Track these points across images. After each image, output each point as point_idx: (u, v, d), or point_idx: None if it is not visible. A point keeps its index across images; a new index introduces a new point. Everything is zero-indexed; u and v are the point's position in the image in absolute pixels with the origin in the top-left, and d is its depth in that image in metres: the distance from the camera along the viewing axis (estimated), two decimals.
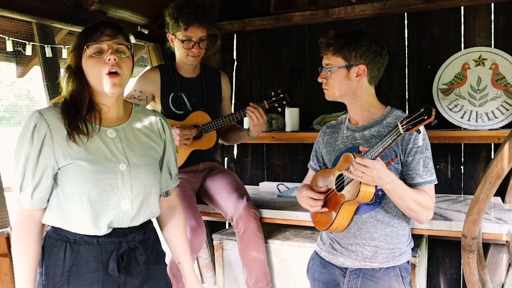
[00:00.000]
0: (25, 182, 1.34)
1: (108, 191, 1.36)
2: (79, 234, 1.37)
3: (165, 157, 1.55)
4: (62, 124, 1.34)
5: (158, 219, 1.61)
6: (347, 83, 1.66)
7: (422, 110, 1.30)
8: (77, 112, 1.36)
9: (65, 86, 1.40)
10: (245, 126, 2.87)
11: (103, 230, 1.37)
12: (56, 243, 1.38)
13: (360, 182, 1.50)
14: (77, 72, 1.38)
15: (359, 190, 1.50)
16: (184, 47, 2.30)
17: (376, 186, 1.52)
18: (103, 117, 1.42)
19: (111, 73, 1.35)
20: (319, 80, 1.71)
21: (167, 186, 1.58)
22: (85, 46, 1.36)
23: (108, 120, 1.43)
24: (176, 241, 1.61)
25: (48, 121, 1.33)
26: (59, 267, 1.37)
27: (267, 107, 2.29)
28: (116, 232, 1.40)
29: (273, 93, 2.30)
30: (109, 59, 1.35)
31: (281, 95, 2.28)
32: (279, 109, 2.33)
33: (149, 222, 1.51)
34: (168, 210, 1.61)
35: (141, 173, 1.41)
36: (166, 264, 1.59)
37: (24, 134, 1.33)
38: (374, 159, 1.45)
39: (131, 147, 1.43)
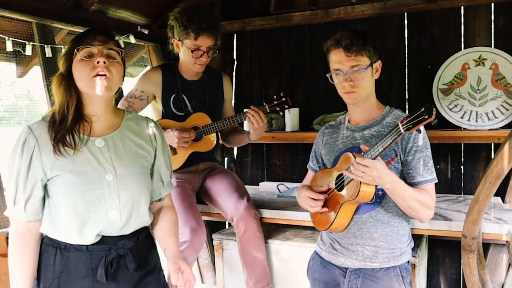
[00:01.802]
0: (18, 195, 1.37)
1: (95, 202, 1.36)
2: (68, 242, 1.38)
3: (156, 164, 1.53)
4: (49, 138, 1.36)
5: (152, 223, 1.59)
6: (372, 81, 1.67)
7: (423, 109, 1.30)
8: (63, 122, 1.36)
9: (55, 93, 1.40)
10: (246, 128, 2.86)
11: (90, 240, 1.37)
12: (47, 248, 1.40)
13: (360, 182, 1.50)
14: (66, 77, 1.39)
15: (359, 190, 1.50)
16: (193, 56, 2.26)
17: (376, 186, 1.52)
18: (93, 127, 1.42)
19: (100, 75, 1.36)
20: (344, 84, 1.63)
21: (160, 194, 1.56)
22: (75, 50, 1.37)
23: (98, 129, 1.43)
24: (161, 230, 1.55)
25: (37, 135, 1.36)
26: (49, 272, 1.38)
27: (268, 111, 2.26)
28: (106, 240, 1.40)
29: (275, 96, 2.26)
30: (98, 62, 1.35)
31: (283, 99, 2.24)
32: (281, 113, 2.32)
33: (142, 230, 1.49)
34: (159, 211, 1.58)
35: (128, 183, 1.41)
36: (163, 273, 1.56)
37: (15, 149, 1.37)
38: (374, 158, 1.45)
39: (119, 156, 1.42)
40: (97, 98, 1.39)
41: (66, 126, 1.36)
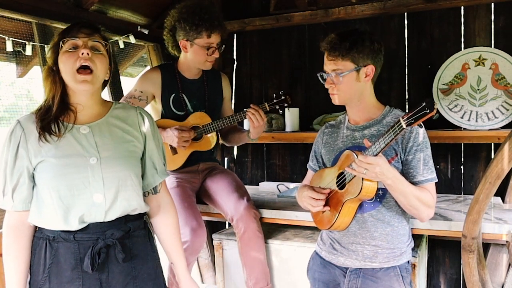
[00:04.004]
0: (6, 185, 1.39)
1: (78, 185, 1.36)
2: (55, 230, 1.38)
3: (147, 151, 1.52)
4: (35, 128, 1.38)
5: (150, 218, 1.59)
6: (357, 85, 1.65)
7: (424, 104, 1.30)
8: (48, 111, 1.39)
9: (43, 85, 1.43)
10: (246, 127, 2.86)
11: (74, 225, 1.36)
12: (38, 242, 1.41)
13: (363, 179, 1.50)
14: (53, 69, 1.41)
15: (362, 187, 1.51)
16: (208, 54, 2.28)
17: (378, 182, 1.53)
18: (78, 116, 1.43)
19: (83, 68, 1.37)
20: (327, 86, 1.68)
21: (154, 182, 1.55)
22: (61, 42, 1.39)
23: (83, 118, 1.44)
24: (166, 240, 1.58)
25: (24, 125, 1.39)
26: (40, 265, 1.39)
27: (268, 109, 2.27)
28: (93, 228, 1.39)
29: (274, 94, 2.27)
30: (82, 53, 1.37)
31: (282, 97, 2.25)
32: (280, 111, 2.32)
33: (135, 219, 1.47)
34: (158, 209, 1.57)
35: (113, 165, 1.40)
36: (159, 265, 1.55)
37: (4, 142, 1.39)
38: (376, 155, 1.45)
39: (104, 141, 1.43)
40: (81, 91, 1.41)
41: (51, 115, 1.38)
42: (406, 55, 2.86)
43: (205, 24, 2.22)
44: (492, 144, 2.63)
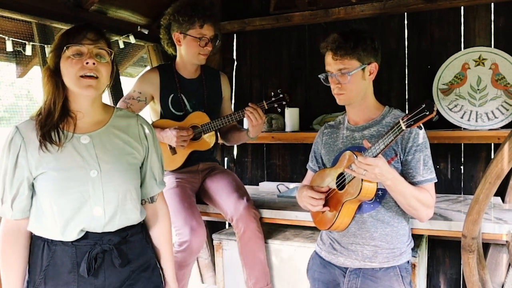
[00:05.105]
0: (5, 194, 1.38)
1: (79, 198, 1.35)
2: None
3: (148, 162, 1.52)
4: (35, 136, 1.36)
5: (146, 223, 1.58)
6: (362, 84, 1.66)
7: (424, 106, 1.30)
8: (49, 117, 1.36)
9: (43, 87, 1.40)
10: (245, 126, 2.86)
11: (72, 237, 1.36)
12: (36, 242, 1.40)
13: (362, 180, 1.50)
14: (54, 73, 1.38)
15: (361, 188, 1.51)
16: (200, 45, 2.28)
17: (377, 183, 1.53)
18: (78, 124, 1.41)
19: (87, 76, 1.35)
20: (333, 86, 1.67)
21: (152, 192, 1.55)
22: (65, 47, 1.35)
23: (84, 126, 1.42)
24: (157, 245, 1.58)
25: (23, 134, 1.36)
26: (38, 265, 1.39)
27: (267, 108, 2.27)
28: (91, 235, 1.38)
29: (272, 93, 2.28)
30: (87, 63, 1.34)
31: (281, 95, 2.26)
32: (279, 110, 2.32)
33: (132, 227, 1.47)
34: (153, 215, 1.57)
35: (114, 179, 1.39)
36: (158, 272, 1.55)
37: (2, 149, 1.37)
38: (375, 156, 1.45)
39: (105, 152, 1.41)
40: (84, 96, 1.39)
41: (52, 122, 1.36)
42: (406, 55, 2.85)
43: (197, 14, 2.25)
44: (492, 144, 2.63)
